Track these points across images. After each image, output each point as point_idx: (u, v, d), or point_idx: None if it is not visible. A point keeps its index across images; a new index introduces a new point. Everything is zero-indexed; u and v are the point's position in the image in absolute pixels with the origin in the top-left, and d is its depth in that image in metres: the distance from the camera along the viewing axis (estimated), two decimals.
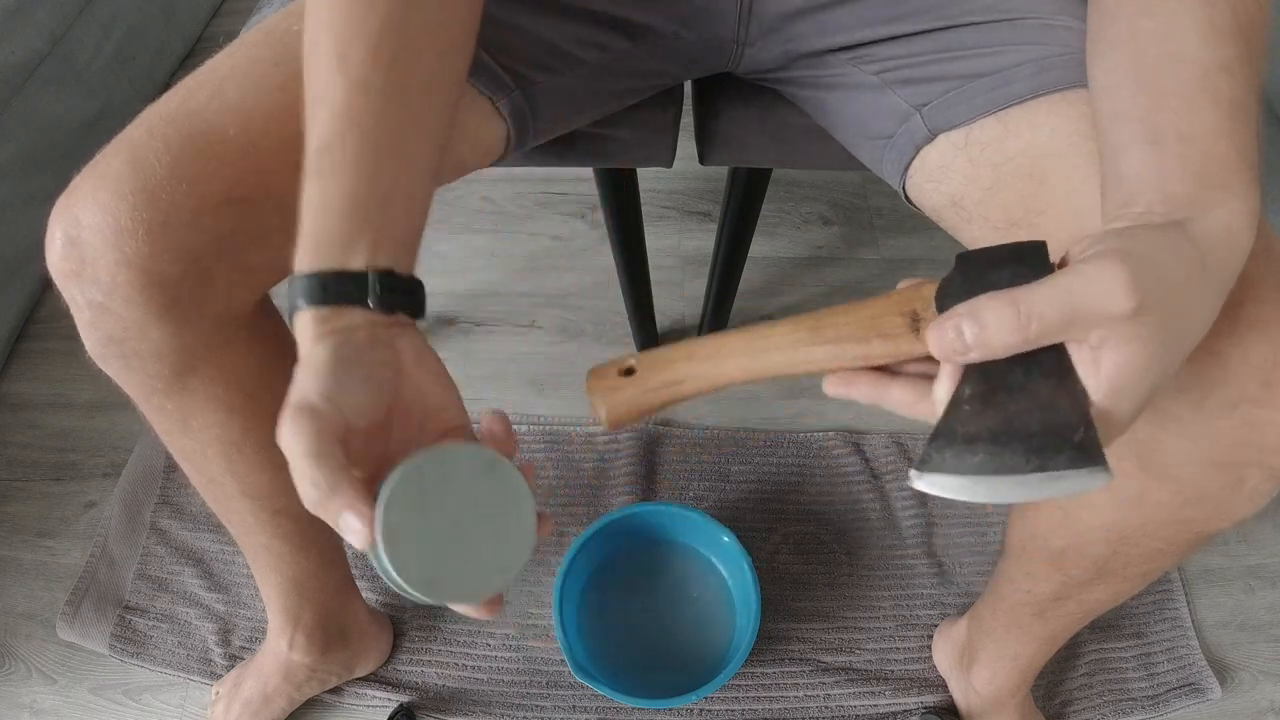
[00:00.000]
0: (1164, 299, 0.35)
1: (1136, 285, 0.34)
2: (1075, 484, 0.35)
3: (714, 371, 0.42)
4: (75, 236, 0.48)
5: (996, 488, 0.36)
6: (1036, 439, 0.35)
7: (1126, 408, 0.36)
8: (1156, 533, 0.54)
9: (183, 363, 0.54)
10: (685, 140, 0.83)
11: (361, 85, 0.43)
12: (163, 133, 0.48)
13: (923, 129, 0.61)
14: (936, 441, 0.37)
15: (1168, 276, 0.35)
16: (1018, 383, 0.36)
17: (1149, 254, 0.35)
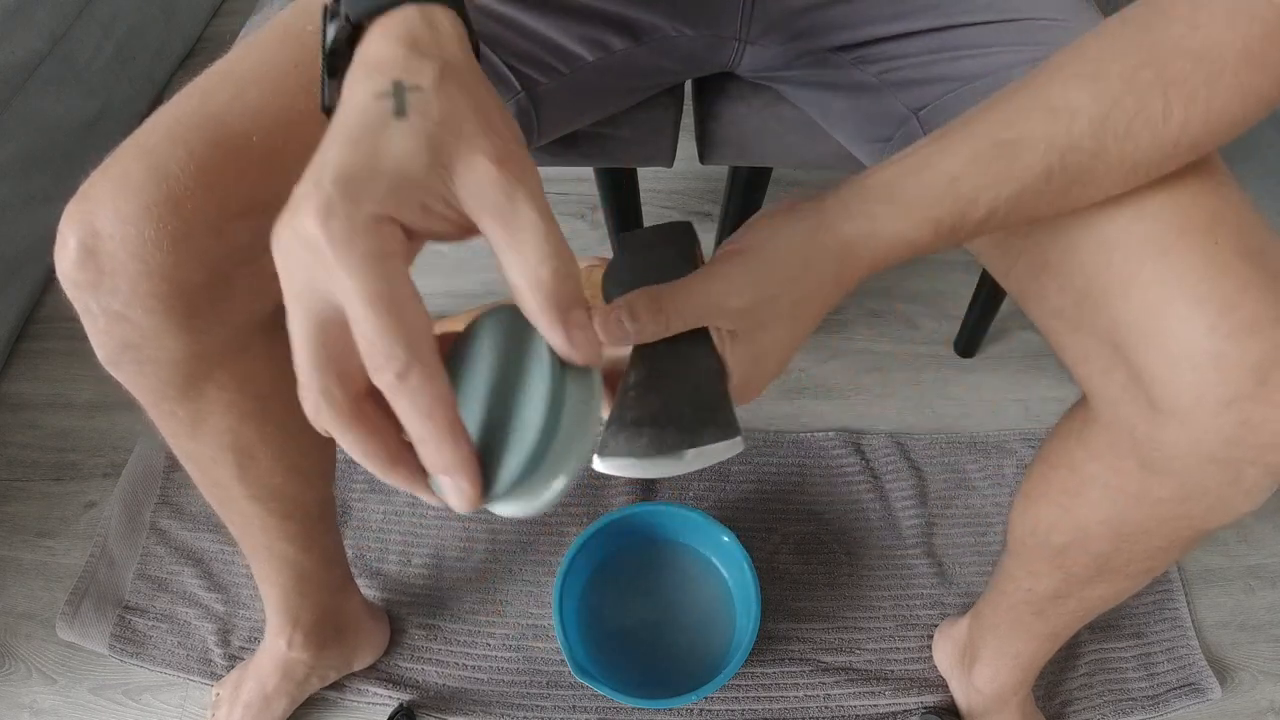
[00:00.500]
0: (777, 287, 0.42)
1: (749, 285, 0.41)
2: (718, 454, 0.41)
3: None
4: (93, 246, 0.46)
5: (662, 466, 0.40)
6: (687, 419, 0.41)
7: (757, 381, 0.44)
8: (1157, 529, 0.54)
9: (198, 369, 0.54)
10: (685, 140, 0.83)
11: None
12: (184, 139, 0.47)
13: (920, 133, 0.61)
14: (611, 427, 0.41)
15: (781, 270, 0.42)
16: (670, 369, 0.42)
17: (769, 249, 0.42)
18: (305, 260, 0.30)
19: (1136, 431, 0.49)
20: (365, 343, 0.29)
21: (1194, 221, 0.45)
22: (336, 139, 0.32)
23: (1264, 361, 0.42)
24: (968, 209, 0.43)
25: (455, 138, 0.32)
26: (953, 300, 1.29)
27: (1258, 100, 0.44)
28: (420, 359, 0.29)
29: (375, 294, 0.29)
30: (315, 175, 0.31)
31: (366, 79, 0.33)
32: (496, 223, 0.31)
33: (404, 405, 0.30)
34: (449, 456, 0.31)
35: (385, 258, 0.29)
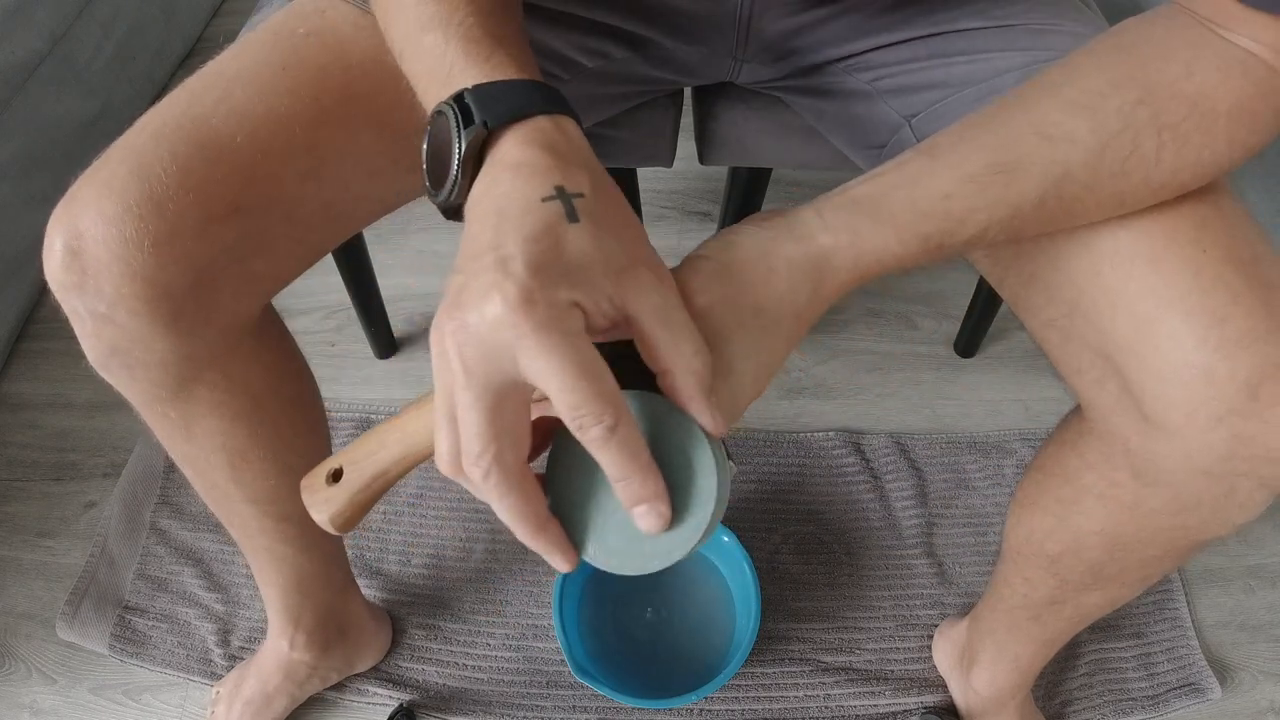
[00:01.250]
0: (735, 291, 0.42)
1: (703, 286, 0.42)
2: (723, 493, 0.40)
3: (409, 451, 0.44)
4: (77, 248, 0.46)
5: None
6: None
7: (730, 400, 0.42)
8: (1152, 539, 0.54)
9: (187, 372, 0.54)
10: (685, 140, 0.83)
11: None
12: (169, 140, 0.47)
13: (912, 140, 0.61)
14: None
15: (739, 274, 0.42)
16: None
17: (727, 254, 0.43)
18: (489, 342, 0.33)
19: (1130, 443, 0.49)
20: (573, 408, 0.33)
21: (1182, 230, 0.45)
22: (511, 235, 0.34)
23: (1255, 375, 0.42)
24: (957, 228, 0.43)
25: (619, 245, 0.36)
26: (953, 300, 1.29)
27: (1244, 152, 0.44)
28: (624, 415, 0.34)
29: (581, 367, 0.33)
30: (499, 267, 0.33)
31: (526, 182, 0.36)
32: (657, 323, 0.36)
33: (613, 452, 0.34)
34: (653, 486, 0.35)
35: (580, 335, 0.34)
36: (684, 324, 0.37)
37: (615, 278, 0.35)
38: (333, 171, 0.52)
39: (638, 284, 0.36)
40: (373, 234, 0.97)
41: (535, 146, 0.38)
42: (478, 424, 0.34)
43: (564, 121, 0.40)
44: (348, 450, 0.44)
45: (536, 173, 0.37)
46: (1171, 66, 0.43)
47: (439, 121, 0.40)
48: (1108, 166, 0.43)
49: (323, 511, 0.44)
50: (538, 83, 0.41)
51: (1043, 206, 0.43)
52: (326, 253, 0.58)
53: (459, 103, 0.39)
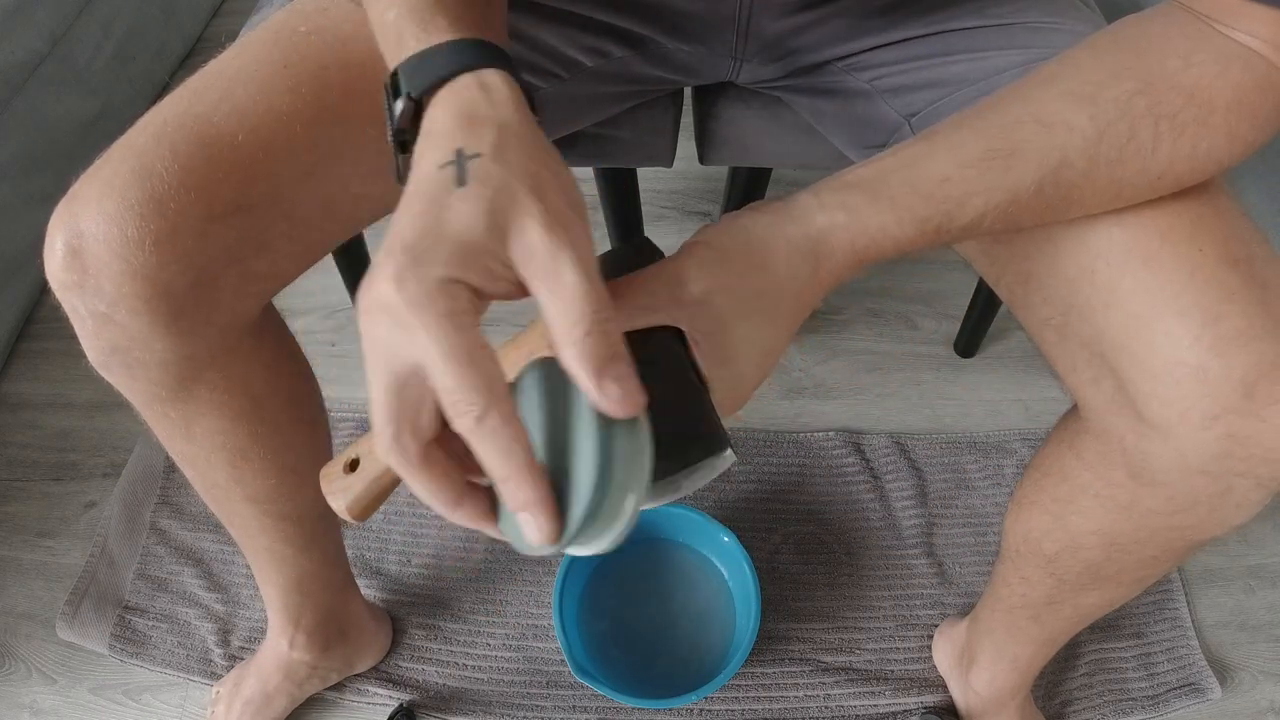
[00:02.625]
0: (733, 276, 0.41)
1: (702, 272, 0.41)
2: (709, 471, 0.41)
3: None
4: (78, 247, 0.46)
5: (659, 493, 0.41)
6: (675, 442, 0.40)
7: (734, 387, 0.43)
8: (1149, 539, 0.54)
9: (187, 371, 0.54)
10: (685, 140, 0.83)
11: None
12: (170, 139, 0.47)
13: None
14: None
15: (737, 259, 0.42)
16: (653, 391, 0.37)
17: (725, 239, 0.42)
18: (384, 323, 0.32)
19: (1126, 443, 0.49)
20: (445, 393, 0.31)
21: (1178, 229, 0.45)
22: (405, 210, 0.34)
23: (1250, 374, 0.42)
24: (955, 211, 0.43)
25: (510, 203, 0.33)
26: (953, 300, 1.29)
27: (1244, 146, 0.44)
28: (496, 404, 0.31)
29: (450, 348, 0.31)
30: (388, 245, 0.33)
31: (432, 150, 0.36)
32: (542, 284, 0.33)
33: (484, 446, 0.31)
34: (529, 493, 0.32)
35: (455, 314, 0.31)
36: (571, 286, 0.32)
37: (501, 239, 0.33)
38: (333, 170, 0.52)
39: (522, 243, 0.33)
40: (373, 234, 0.96)
41: (450, 111, 0.37)
42: (379, 406, 0.33)
43: (488, 75, 0.38)
44: (364, 440, 0.44)
45: (442, 138, 0.36)
46: (1170, 59, 0.43)
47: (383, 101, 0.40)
48: (1105, 155, 0.43)
49: (340, 500, 0.44)
50: (466, 40, 0.39)
51: (1040, 193, 0.43)
52: (327, 253, 0.58)
53: (393, 79, 0.39)
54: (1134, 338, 0.45)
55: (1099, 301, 0.47)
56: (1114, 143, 0.43)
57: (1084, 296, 0.48)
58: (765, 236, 0.43)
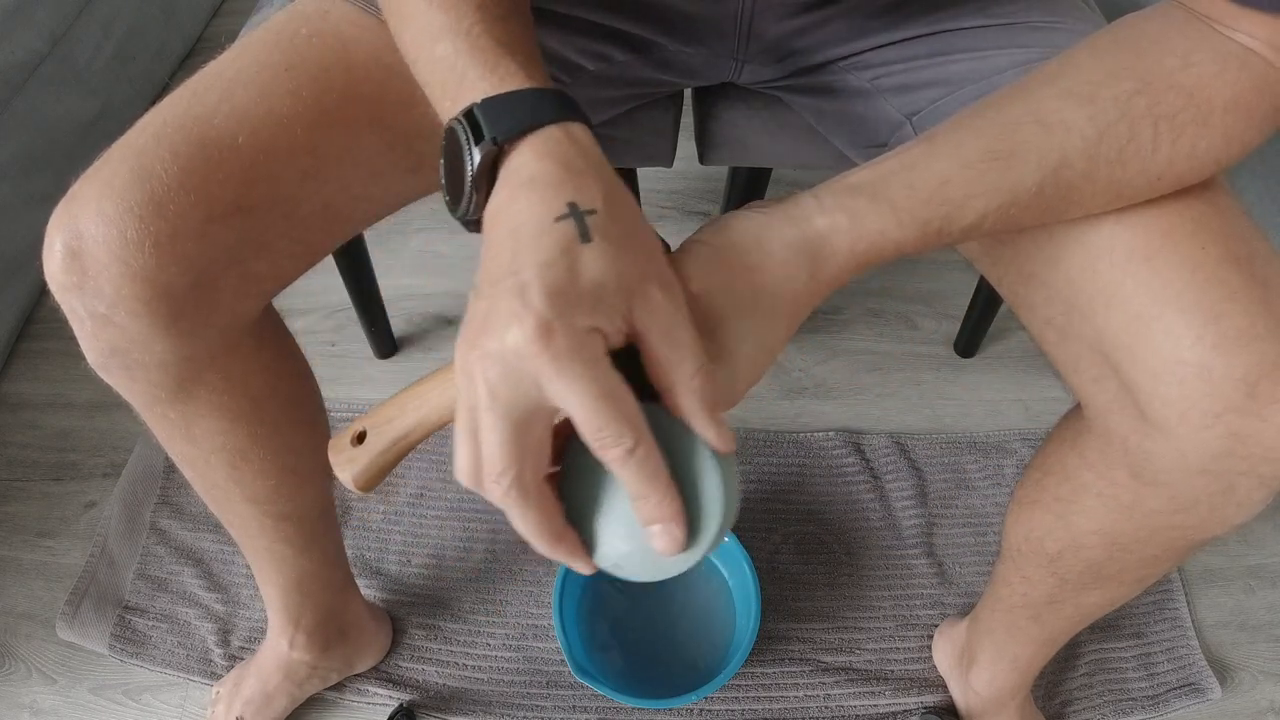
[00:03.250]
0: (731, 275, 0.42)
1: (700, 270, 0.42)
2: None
3: (423, 419, 0.45)
4: (77, 248, 0.46)
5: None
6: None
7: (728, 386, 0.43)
8: (1151, 538, 0.54)
9: (187, 373, 0.54)
10: (685, 140, 0.83)
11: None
12: (170, 140, 0.47)
13: (913, 139, 0.61)
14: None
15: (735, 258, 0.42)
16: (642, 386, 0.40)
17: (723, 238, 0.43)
18: (513, 369, 0.34)
19: (1128, 442, 0.49)
20: (595, 431, 0.34)
21: (1180, 227, 0.45)
22: (528, 259, 0.35)
23: (1252, 373, 0.42)
24: (955, 213, 0.43)
25: (632, 264, 0.36)
26: (953, 300, 1.29)
27: (1241, 146, 0.44)
28: (643, 438, 0.35)
29: (601, 392, 0.34)
30: (517, 294, 0.34)
31: (537, 200, 0.37)
32: (663, 342, 0.37)
33: (632, 472, 0.35)
34: (669, 508, 0.36)
35: (600, 360, 0.34)
36: (688, 342, 0.37)
37: (626, 296, 0.36)
38: (333, 172, 0.52)
39: (647, 303, 0.36)
40: (373, 234, 0.97)
41: (547, 160, 0.38)
42: (500, 445, 0.34)
43: (575, 129, 0.40)
44: (371, 414, 0.46)
45: (549, 189, 0.37)
46: (1168, 58, 0.43)
47: (451, 138, 0.40)
48: (1105, 155, 0.43)
49: (346, 471, 0.45)
50: (546, 90, 0.40)
51: (1041, 194, 0.43)
52: (327, 254, 0.58)
53: (469, 118, 0.39)
54: (1136, 337, 0.45)
55: (1101, 300, 0.47)
56: (1114, 143, 0.43)
57: (1086, 295, 0.48)
58: (764, 237, 0.43)
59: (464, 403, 0.35)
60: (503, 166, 0.39)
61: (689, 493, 0.38)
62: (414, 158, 0.56)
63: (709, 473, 0.38)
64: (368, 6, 0.54)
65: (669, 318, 0.37)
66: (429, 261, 1.35)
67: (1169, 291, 0.44)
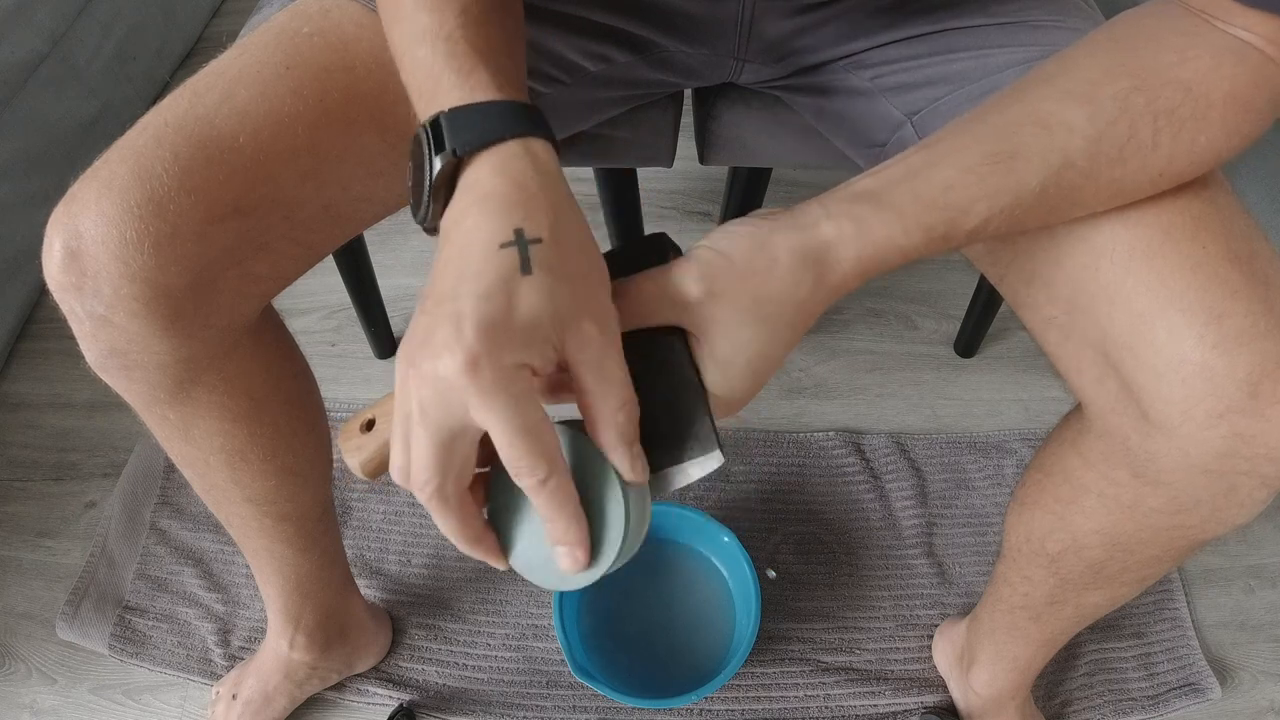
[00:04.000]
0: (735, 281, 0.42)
1: (703, 275, 0.42)
2: (698, 469, 0.43)
3: None
4: (76, 249, 0.46)
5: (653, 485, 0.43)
6: (667, 438, 0.43)
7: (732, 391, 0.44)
8: (1152, 539, 0.54)
9: (186, 373, 0.54)
10: (685, 140, 0.83)
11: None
12: (170, 140, 0.47)
13: (914, 138, 0.61)
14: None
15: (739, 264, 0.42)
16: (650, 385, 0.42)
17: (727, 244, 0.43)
18: (443, 394, 0.35)
19: (1129, 442, 0.48)
20: (513, 460, 0.36)
21: (1181, 226, 0.45)
22: (468, 288, 0.36)
23: (1254, 373, 0.42)
24: (960, 218, 0.43)
25: (570, 300, 0.37)
26: (953, 300, 1.29)
27: (1240, 140, 0.44)
28: (556, 469, 0.37)
29: (520, 427, 0.35)
30: (453, 322, 0.35)
31: (488, 221, 0.38)
32: (590, 375, 0.38)
33: (544, 499, 0.37)
34: (575, 534, 0.39)
35: (524, 395, 0.35)
36: (615, 377, 0.39)
37: (559, 329, 0.37)
38: (334, 172, 0.52)
39: (579, 338, 0.37)
40: (373, 234, 0.97)
41: (502, 177, 0.39)
42: (427, 458, 0.36)
43: (536, 145, 0.40)
44: (381, 403, 0.47)
45: (499, 210, 0.38)
46: (1165, 54, 0.43)
47: (416, 145, 0.42)
48: (1106, 153, 0.43)
49: (354, 457, 0.47)
50: (514, 103, 0.41)
51: (1044, 195, 0.43)
52: (327, 254, 0.58)
53: (434, 127, 0.40)
54: (1137, 336, 0.45)
55: (1103, 300, 0.47)
56: (1114, 141, 0.43)
57: (1088, 295, 0.48)
58: (769, 244, 0.43)
59: (399, 410, 0.37)
60: (461, 178, 0.40)
61: (596, 517, 0.40)
62: None
63: (616, 503, 0.40)
64: (369, 4, 0.54)
65: (599, 352, 0.38)
66: (429, 261, 1.34)
67: (1171, 290, 0.44)
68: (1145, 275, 0.45)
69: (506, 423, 0.35)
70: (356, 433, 0.47)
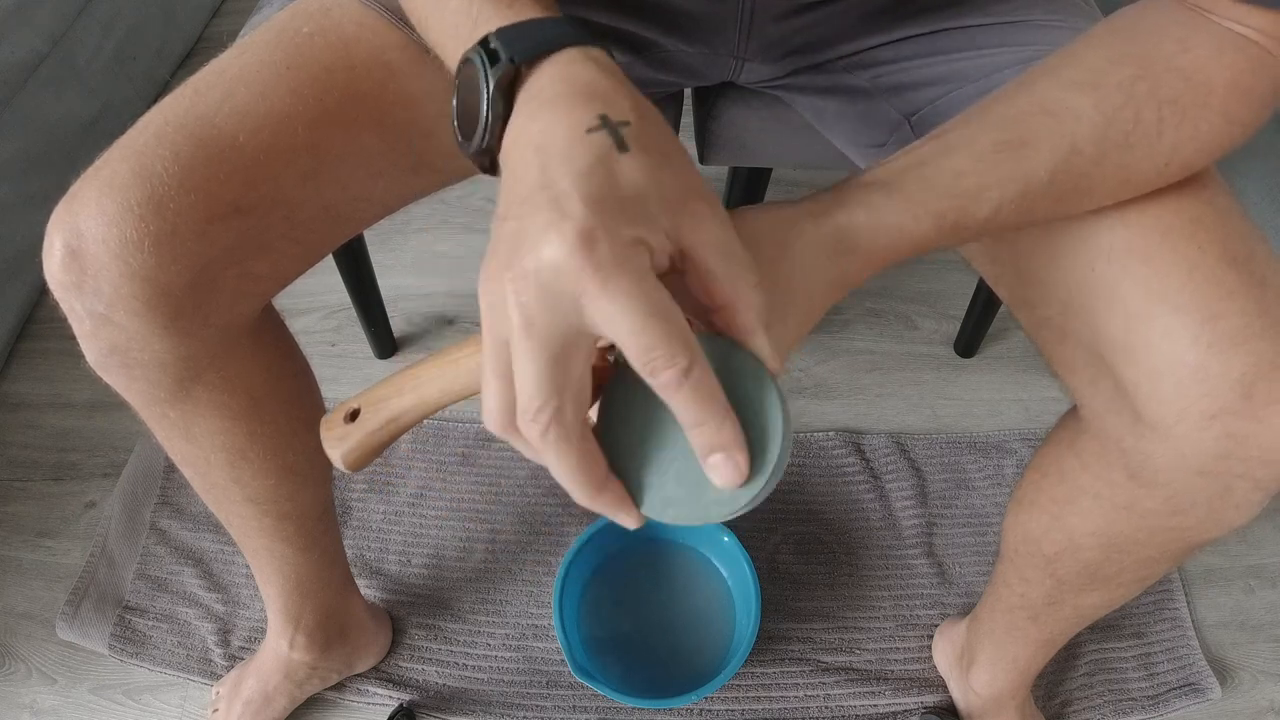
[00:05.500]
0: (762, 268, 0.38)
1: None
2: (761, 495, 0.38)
3: (421, 401, 0.44)
4: (77, 248, 0.46)
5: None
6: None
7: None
8: (1148, 540, 0.54)
9: (187, 372, 0.54)
10: (685, 140, 0.82)
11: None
12: (171, 139, 0.47)
13: (912, 138, 0.61)
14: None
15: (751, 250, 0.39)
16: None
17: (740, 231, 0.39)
18: (552, 288, 0.30)
19: (1124, 443, 0.48)
20: (645, 350, 0.30)
21: (1177, 227, 0.45)
22: (562, 171, 0.32)
23: (1249, 374, 0.42)
24: (971, 206, 0.43)
25: (676, 177, 0.34)
26: (953, 300, 1.29)
27: (1242, 129, 0.44)
28: (698, 357, 0.31)
29: (652, 307, 0.30)
30: (554, 205, 0.31)
31: (564, 116, 0.34)
32: (715, 256, 0.34)
33: (687, 396, 0.31)
34: (730, 433, 0.33)
35: (648, 273, 0.31)
36: (743, 256, 0.34)
37: (671, 210, 0.33)
38: (334, 172, 0.52)
39: (694, 216, 0.33)
40: (373, 234, 0.97)
41: (568, 80, 0.36)
42: (538, 377, 0.31)
43: (594, 51, 0.38)
44: (366, 393, 0.45)
45: (577, 103, 0.34)
46: (1166, 44, 0.43)
47: (466, 70, 0.39)
48: (1113, 141, 0.43)
49: (336, 448, 0.45)
50: (563, 18, 0.39)
51: (1053, 183, 0.43)
52: (327, 254, 0.58)
53: (485, 47, 0.38)
54: (1133, 336, 0.45)
55: (1099, 300, 0.47)
56: (1121, 128, 0.43)
57: (1084, 295, 0.48)
58: (781, 230, 0.42)
59: (493, 338, 0.32)
60: (521, 90, 0.37)
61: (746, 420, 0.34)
62: (414, 157, 0.56)
63: (770, 398, 0.35)
64: (370, 3, 0.54)
65: (721, 231, 0.34)
66: (429, 261, 1.35)
67: (1166, 290, 0.44)
68: (1141, 276, 0.45)
69: (635, 305, 0.29)
70: (339, 423, 0.45)
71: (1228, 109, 0.43)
